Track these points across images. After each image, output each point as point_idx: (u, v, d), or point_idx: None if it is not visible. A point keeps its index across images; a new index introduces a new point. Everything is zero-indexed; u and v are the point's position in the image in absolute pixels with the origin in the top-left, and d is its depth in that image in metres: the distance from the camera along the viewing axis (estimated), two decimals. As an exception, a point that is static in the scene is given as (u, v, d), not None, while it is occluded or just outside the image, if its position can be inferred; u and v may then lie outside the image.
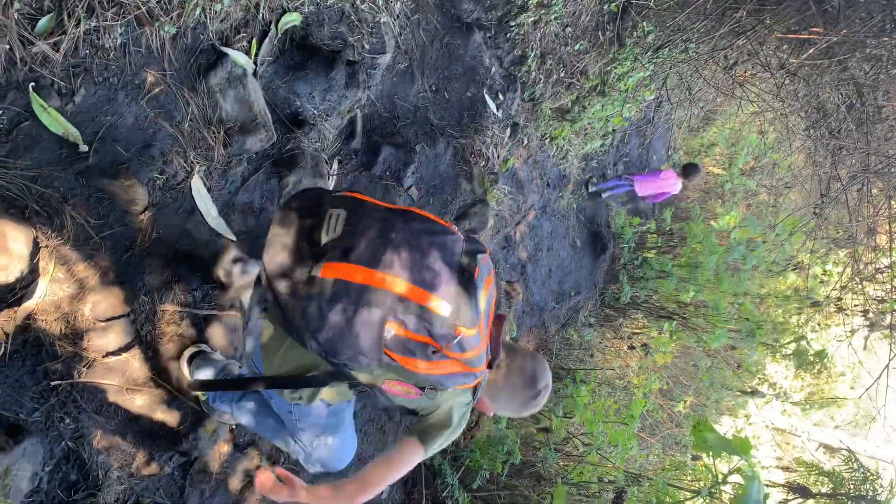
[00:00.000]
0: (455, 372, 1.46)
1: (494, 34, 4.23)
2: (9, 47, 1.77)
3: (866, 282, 5.37)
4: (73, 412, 1.94)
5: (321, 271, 1.35)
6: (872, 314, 5.41)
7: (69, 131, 1.96)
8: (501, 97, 4.27)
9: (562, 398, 4.44)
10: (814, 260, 6.57)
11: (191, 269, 2.27)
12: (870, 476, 3.58)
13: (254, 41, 2.47)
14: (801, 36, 3.91)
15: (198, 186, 2.32)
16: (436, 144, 3.62)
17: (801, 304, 6.66)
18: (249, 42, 2.46)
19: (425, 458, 1.66)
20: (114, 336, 2.05)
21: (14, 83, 1.85)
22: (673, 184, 6.46)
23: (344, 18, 2.82)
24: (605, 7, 4.69)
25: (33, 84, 1.88)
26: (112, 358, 2.04)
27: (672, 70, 5.37)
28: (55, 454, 1.90)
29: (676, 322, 6.20)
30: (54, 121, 1.92)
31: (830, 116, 4.41)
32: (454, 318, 1.35)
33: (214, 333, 2.26)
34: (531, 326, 5.38)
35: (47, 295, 1.92)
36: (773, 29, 4.10)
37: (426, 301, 1.34)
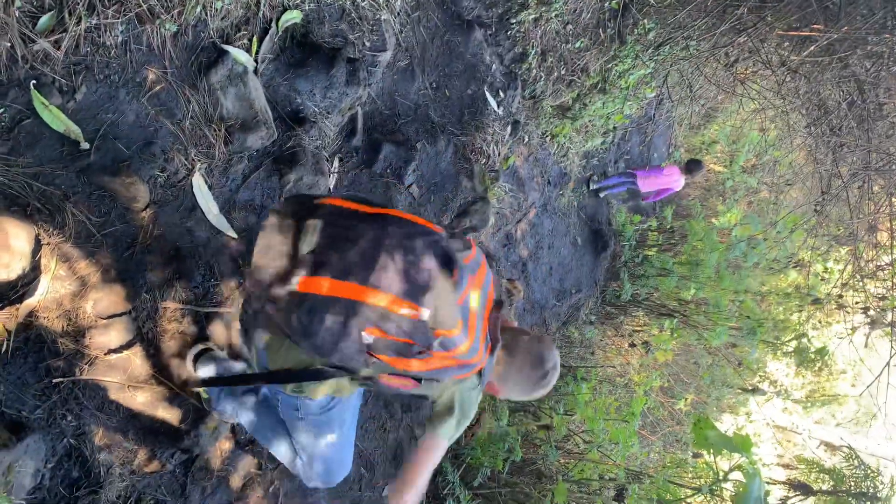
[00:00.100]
0: (448, 366, 1.48)
1: (495, 31, 4.22)
2: (10, 45, 1.77)
3: (867, 279, 5.36)
4: (75, 409, 1.95)
5: (298, 285, 1.37)
6: (873, 311, 5.40)
7: (70, 129, 1.96)
8: (502, 95, 4.27)
9: (563, 396, 4.43)
10: (815, 257, 6.56)
11: (192, 267, 2.28)
12: (870, 473, 3.58)
13: (254, 39, 2.47)
14: (803, 33, 3.90)
15: (199, 184, 2.32)
16: (437, 142, 3.62)
17: (802, 302, 6.65)
18: (250, 40, 2.46)
19: (449, 443, 1.70)
20: (115, 333, 2.06)
21: (15, 81, 1.85)
22: (676, 180, 6.47)
23: (344, 16, 2.82)
24: (606, 4, 4.68)
25: (34, 82, 1.88)
26: (114, 355, 2.05)
27: (673, 67, 5.36)
28: (57, 451, 1.91)
29: (677, 319, 6.20)
30: (55, 118, 1.92)
31: (831, 114, 4.41)
32: (432, 322, 1.36)
33: (216, 330, 2.27)
34: (532, 324, 5.38)
35: (49, 292, 1.93)
36: (774, 26, 4.09)
37: (402, 308, 1.35)
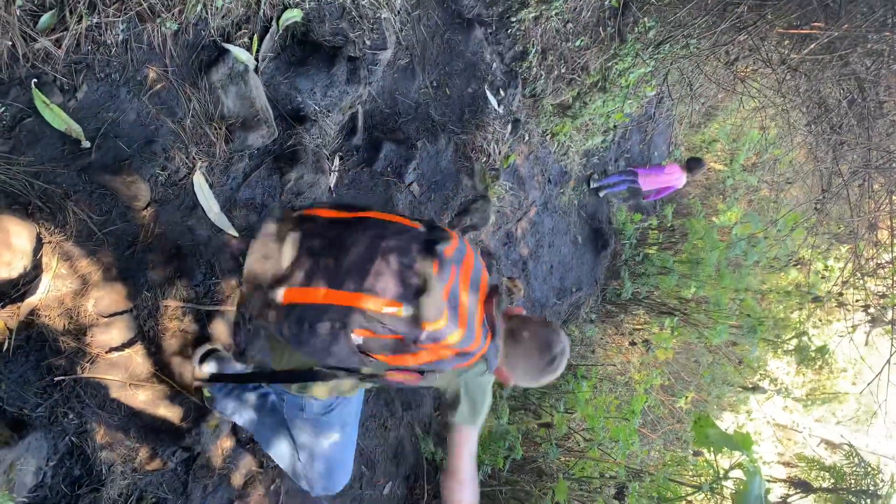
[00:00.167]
0: (446, 357, 1.49)
1: (495, 30, 4.22)
2: (11, 44, 1.78)
3: (868, 277, 5.37)
4: (77, 407, 1.95)
5: (283, 297, 1.41)
6: (874, 309, 5.40)
7: (71, 127, 1.96)
8: (502, 93, 4.26)
9: (563, 394, 4.44)
10: (815, 255, 6.55)
11: (193, 265, 2.28)
12: (871, 471, 3.58)
13: (255, 37, 2.47)
14: (803, 31, 3.91)
15: (200, 182, 2.32)
16: (437, 140, 3.62)
17: (803, 300, 6.65)
18: (251, 38, 2.47)
19: (474, 429, 1.69)
20: (117, 332, 2.06)
21: (17, 79, 1.86)
22: (677, 178, 6.47)
23: (345, 14, 2.82)
24: (606, 3, 4.68)
25: (36, 80, 1.88)
26: (115, 353, 2.05)
27: (673, 66, 5.36)
28: (59, 449, 1.91)
29: (678, 318, 6.20)
30: (57, 117, 1.93)
31: (832, 112, 4.42)
32: (416, 317, 1.38)
33: (217, 329, 2.27)
34: (532, 323, 5.37)
35: (50, 291, 1.93)
36: (775, 24, 4.10)
37: (383, 307, 1.37)
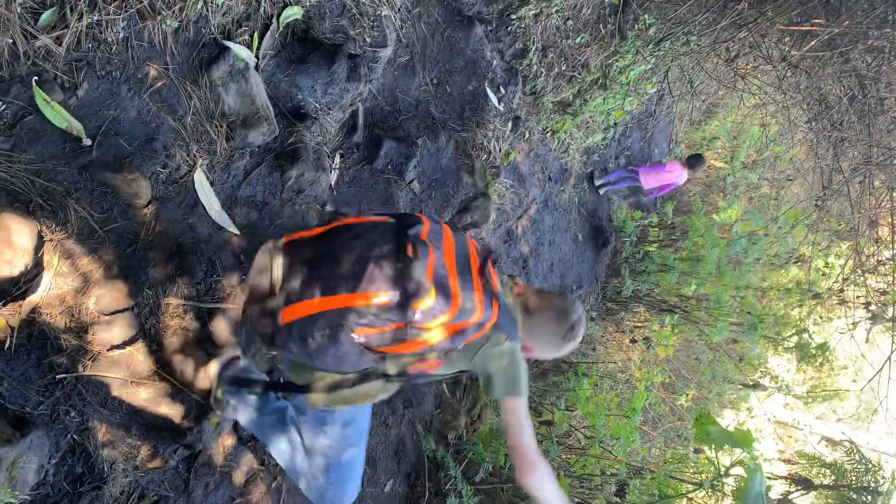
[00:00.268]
0: (454, 332, 1.51)
1: (496, 27, 4.22)
2: (12, 41, 1.78)
3: (868, 274, 5.36)
4: (79, 405, 1.96)
5: (282, 318, 1.47)
6: (874, 306, 5.40)
7: (72, 125, 1.96)
8: (503, 90, 4.26)
9: (564, 391, 4.44)
10: (816, 252, 6.55)
11: (194, 263, 2.28)
12: (872, 468, 3.58)
13: (255, 35, 2.47)
14: (803, 28, 3.90)
15: (200, 180, 2.32)
16: (437, 138, 3.62)
17: (803, 297, 6.65)
18: (251, 36, 2.46)
19: (518, 398, 1.65)
20: (118, 329, 2.06)
21: (17, 77, 1.86)
22: (679, 175, 6.48)
23: (345, 12, 2.82)
24: (607, 0, 4.67)
25: (36, 78, 1.88)
26: (116, 351, 2.05)
27: (674, 63, 5.35)
28: (61, 447, 1.91)
29: (678, 315, 6.20)
30: (57, 115, 1.92)
31: (832, 108, 4.41)
32: (403, 298, 1.42)
33: (218, 327, 2.27)
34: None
35: (52, 288, 1.93)
36: (775, 21, 4.09)
37: (371, 300, 1.42)
